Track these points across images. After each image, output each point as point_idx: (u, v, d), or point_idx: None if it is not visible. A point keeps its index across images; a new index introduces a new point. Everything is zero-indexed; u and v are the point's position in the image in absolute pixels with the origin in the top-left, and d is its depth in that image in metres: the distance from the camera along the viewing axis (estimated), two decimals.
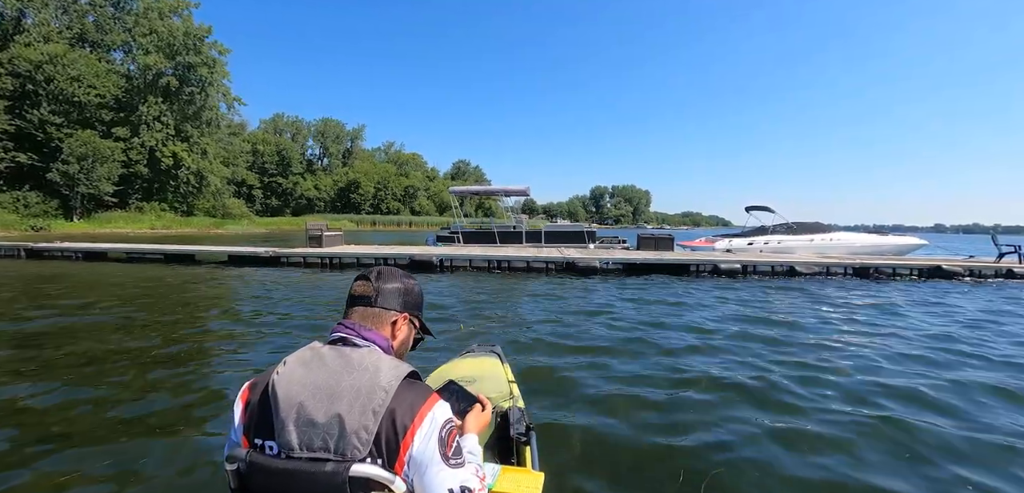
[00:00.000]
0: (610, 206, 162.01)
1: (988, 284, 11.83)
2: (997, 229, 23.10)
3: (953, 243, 40.26)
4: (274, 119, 75.17)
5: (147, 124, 39.39)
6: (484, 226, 20.04)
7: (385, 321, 1.13)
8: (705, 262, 13.62)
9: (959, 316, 7.54)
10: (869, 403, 3.78)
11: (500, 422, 2.12)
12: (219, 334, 5.90)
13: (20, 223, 29.22)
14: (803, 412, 3.60)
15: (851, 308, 8.12)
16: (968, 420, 3.49)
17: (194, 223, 42.00)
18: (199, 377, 4.24)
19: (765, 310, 7.79)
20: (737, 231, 20.96)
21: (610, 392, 3.94)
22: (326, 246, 15.64)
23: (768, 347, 5.47)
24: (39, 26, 36.73)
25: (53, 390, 3.80)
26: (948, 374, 4.53)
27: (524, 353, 5.08)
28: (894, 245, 18.37)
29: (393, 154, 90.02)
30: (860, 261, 13.85)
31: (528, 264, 13.70)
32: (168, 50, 39.80)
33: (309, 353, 1.02)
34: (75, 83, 34.42)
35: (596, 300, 8.57)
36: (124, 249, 15.42)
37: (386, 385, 0.95)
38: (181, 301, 8.04)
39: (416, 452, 0.94)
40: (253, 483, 0.93)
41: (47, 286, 9.39)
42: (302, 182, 69.36)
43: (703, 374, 4.41)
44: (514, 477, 1.57)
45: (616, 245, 17.85)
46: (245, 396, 1.02)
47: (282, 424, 0.93)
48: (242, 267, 13.41)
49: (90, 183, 34.87)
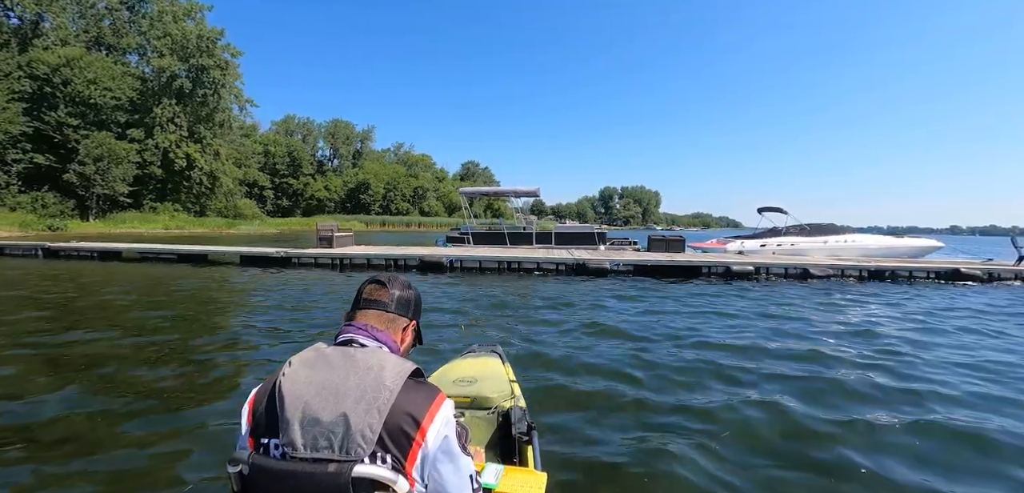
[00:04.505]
0: (619, 207, 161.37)
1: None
2: (1015, 231, 22.70)
3: (970, 245, 39.59)
4: (285, 120, 75.91)
5: (161, 126, 39.92)
6: (494, 227, 20.04)
7: (398, 327, 1.17)
8: (717, 264, 13.50)
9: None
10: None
11: (502, 421, 2.12)
12: (234, 335, 5.94)
13: (38, 223, 29.71)
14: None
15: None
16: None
17: (206, 223, 42.47)
18: (212, 379, 4.27)
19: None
20: (749, 232, 20.76)
21: (613, 393, 3.90)
22: (337, 247, 15.73)
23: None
24: (57, 30, 37.42)
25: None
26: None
27: (532, 355, 5.05)
28: (909, 247, 18.08)
29: (403, 155, 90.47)
30: (875, 264, 13.64)
31: (538, 265, 13.68)
32: (182, 53, 40.33)
33: (313, 354, 1.03)
34: (92, 85, 34.97)
35: (607, 301, 8.52)
36: (138, 249, 15.64)
37: (391, 384, 0.96)
38: (196, 301, 8.12)
39: (431, 448, 0.95)
40: (256, 485, 0.93)
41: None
42: (313, 183, 69.88)
43: (716, 373, 4.35)
44: (517, 477, 1.58)
45: (627, 247, 17.76)
46: (251, 402, 1.03)
47: (287, 424, 0.93)
48: (254, 267, 13.55)
49: (105, 184, 35.42)
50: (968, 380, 4.45)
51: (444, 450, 0.97)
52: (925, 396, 3.99)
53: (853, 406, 3.76)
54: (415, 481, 0.94)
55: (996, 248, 25.08)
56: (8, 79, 31.31)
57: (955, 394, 4.05)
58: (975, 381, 4.42)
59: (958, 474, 2.80)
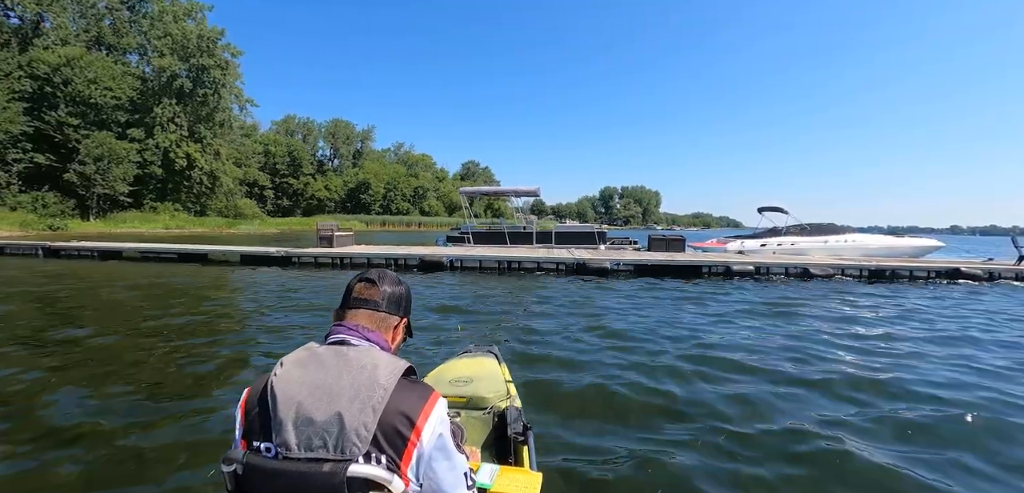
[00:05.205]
0: (619, 207, 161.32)
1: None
2: (1016, 231, 22.68)
3: (970, 245, 39.56)
4: (285, 120, 75.97)
5: (161, 125, 39.94)
6: (494, 227, 20.04)
7: (389, 325, 1.16)
8: (717, 264, 13.50)
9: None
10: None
11: (497, 422, 2.12)
12: (234, 334, 5.94)
13: (38, 223, 29.73)
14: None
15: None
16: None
17: (207, 223, 42.49)
18: (212, 378, 4.27)
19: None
20: (749, 232, 20.75)
21: (615, 393, 3.90)
22: (337, 246, 15.73)
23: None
24: (57, 29, 37.43)
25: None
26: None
27: (529, 354, 5.05)
28: (910, 247, 18.07)
29: (403, 155, 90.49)
30: (876, 263, 13.63)
31: (539, 265, 13.68)
32: (182, 52, 40.34)
33: (305, 354, 1.03)
34: (92, 85, 34.98)
35: (607, 301, 8.51)
36: (138, 248, 15.65)
37: (384, 382, 0.95)
38: (196, 300, 8.12)
39: (427, 447, 0.95)
40: (250, 485, 0.93)
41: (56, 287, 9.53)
42: (313, 183, 69.90)
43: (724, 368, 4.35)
44: (512, 477, 1.58)
45: (627, 246, 17.75)
46: (244, 403, 1.02)
47: (280, 424, 0.92)
48: (254, 267, 13.55)
49: (106, 183, 35.46)
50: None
51: (439, 449, 0.98)
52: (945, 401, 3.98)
53: (855, 408, 3.76)
54: (410, 480, 0.93)
55: (997, 248, 25.06)
56: (8, 79, 31.34)
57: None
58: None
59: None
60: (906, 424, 3.40)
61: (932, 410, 3.68)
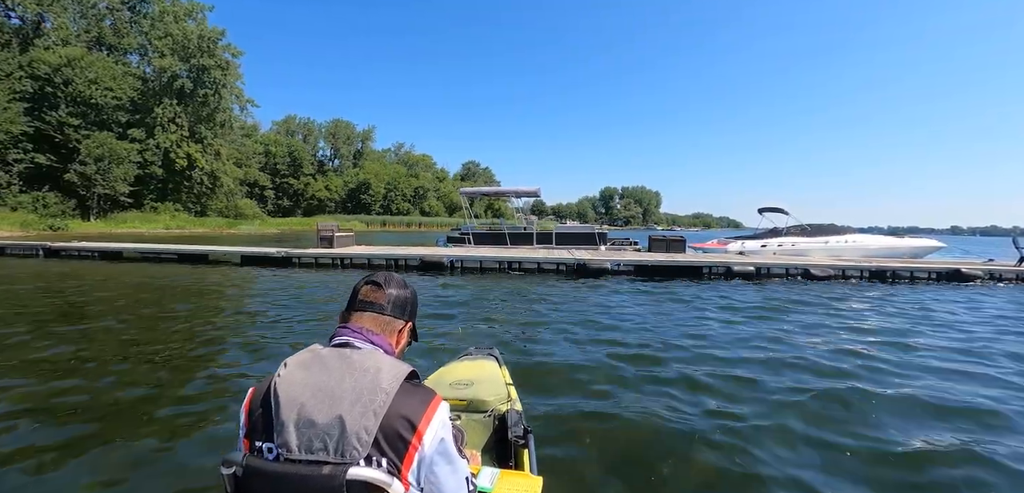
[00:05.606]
0: (620, 207, 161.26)
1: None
2: (1016, 231, 22.68)
3: (971, 245, 39.55)
4: (286, 120, 75.99)
5: (162, 126, 39.95)
6: (495, 227, 20.04)
7: (394, 329, 1.16)
8: (718, 265, 13.49)
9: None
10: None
11: (498, 425, 2.12)
12: (234, 334, 5.94)
13: (39, 223, 29.74)
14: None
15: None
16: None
17: (207, 223, 42.50)
18: (212, 379, 4.27)
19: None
20: (749, 233, 20.74)
21: (615, 393, 3.90)
22: (337, 247, 15.73)
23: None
24: (58, 30, 37.42)
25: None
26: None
27: (529, 357, 5.04)
28: (910, 247, 18.07)
29: (403, 155, 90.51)
30: (876, 264, 13.63)
31: (539, 265, 13.68)
32: (182, 53, 40.36)
33: (309, 355, 1.03)
34: (93, 85, 34.99)
35: (607, 301, 8.51)
36: (139, 249, 15.66)
37: (387, 386, 0.95)
38: (197, 301, 8.12)
39: (428, 451, 0.95)
40: (250, 487, 0.92)
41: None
42: (313, 183, 69.91)
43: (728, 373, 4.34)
44: (513, 481, 1.57)
45: (627, 247, 17.75)
46: (248, 404, 1.02)
47: (282, 425, 0.92)
48: (255, 267, 13.55)
49: (106, 184, 35.46)
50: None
51: (440, 453, 0.97)
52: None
53: (857, 409, 3.75)
54: (410, 484, 0.93)
55: (997, 248, 25.04)
56: (9, 79, 31.34)
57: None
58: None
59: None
60: (904, 423, 3.40)
61: (932, 411, 3.68)
